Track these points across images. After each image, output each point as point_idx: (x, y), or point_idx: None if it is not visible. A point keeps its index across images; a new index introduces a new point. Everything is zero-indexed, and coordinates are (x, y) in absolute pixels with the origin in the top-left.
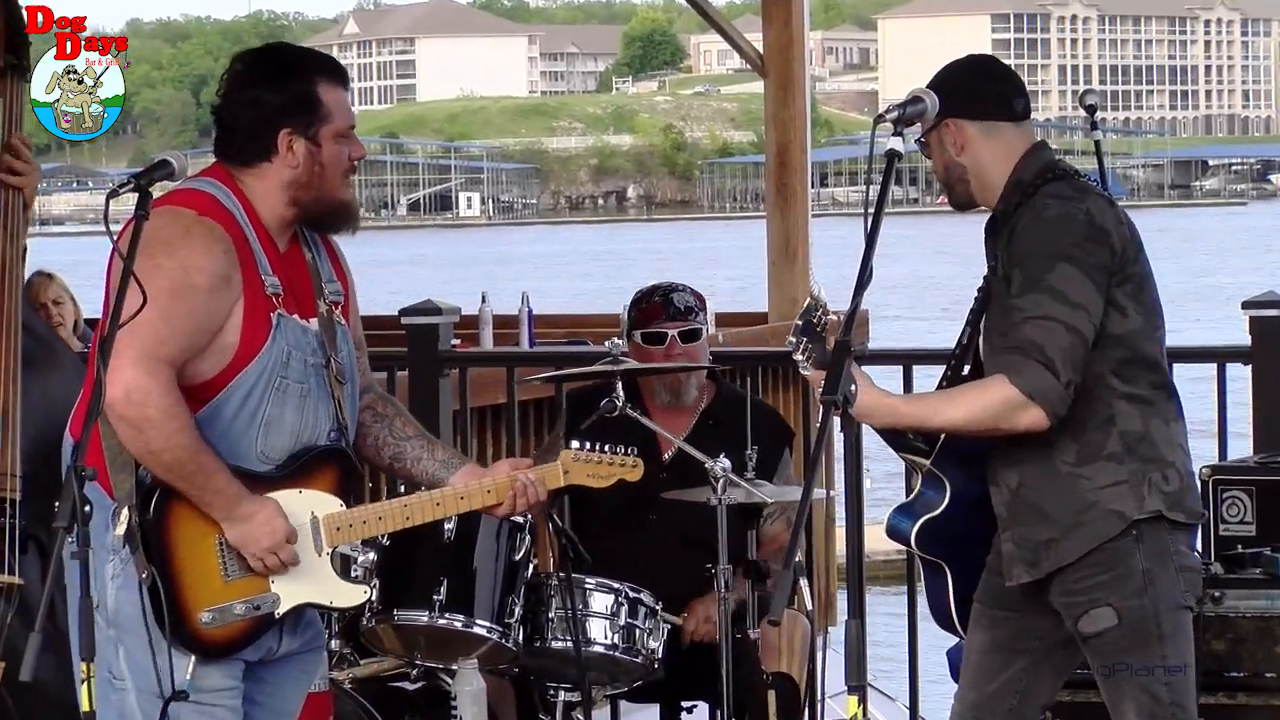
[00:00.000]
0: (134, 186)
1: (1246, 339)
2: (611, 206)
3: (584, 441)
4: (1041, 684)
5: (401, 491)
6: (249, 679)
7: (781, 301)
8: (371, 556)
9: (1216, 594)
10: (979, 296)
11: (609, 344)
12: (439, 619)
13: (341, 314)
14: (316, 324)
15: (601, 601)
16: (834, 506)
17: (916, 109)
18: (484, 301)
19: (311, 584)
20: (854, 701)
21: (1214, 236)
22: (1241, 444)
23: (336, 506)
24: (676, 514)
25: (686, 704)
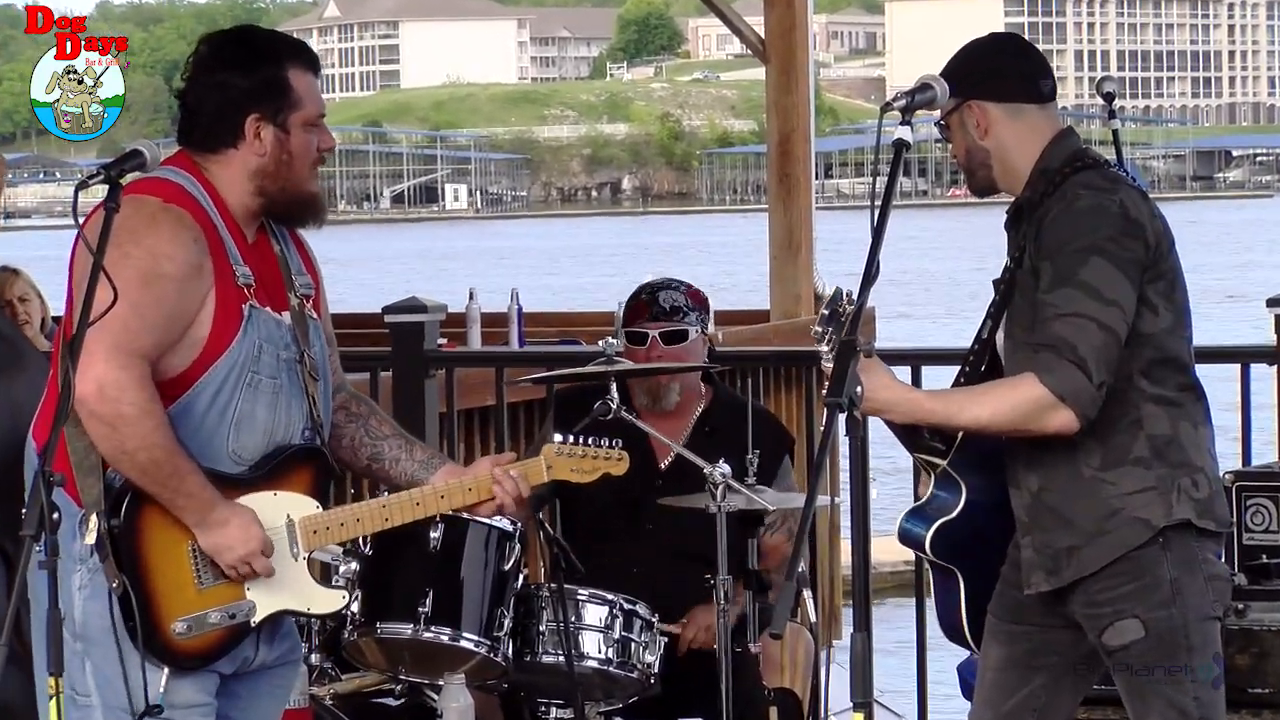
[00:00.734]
0: (104, 178)
1: (1272, 338)
2: (606, 199)
3: (567, 435)
4: (1060, 701)
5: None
6: (223, 694)
7: (784, 298)
8: (354, 566)
9: (1240, 606)
10: (1000, 289)
11: (602, 344)
12: (424, 632)
13: (313, 308)
14: (289, 317)
15: (595, 614)
16: (839, 514)
17: (926, 96)
18: (471, 299)
19: (288, 590)
20: (860, 718)
21: (1238, 230)
22: (1267, 449)
23: (313, 508)
24: (673, 522)
25: None
